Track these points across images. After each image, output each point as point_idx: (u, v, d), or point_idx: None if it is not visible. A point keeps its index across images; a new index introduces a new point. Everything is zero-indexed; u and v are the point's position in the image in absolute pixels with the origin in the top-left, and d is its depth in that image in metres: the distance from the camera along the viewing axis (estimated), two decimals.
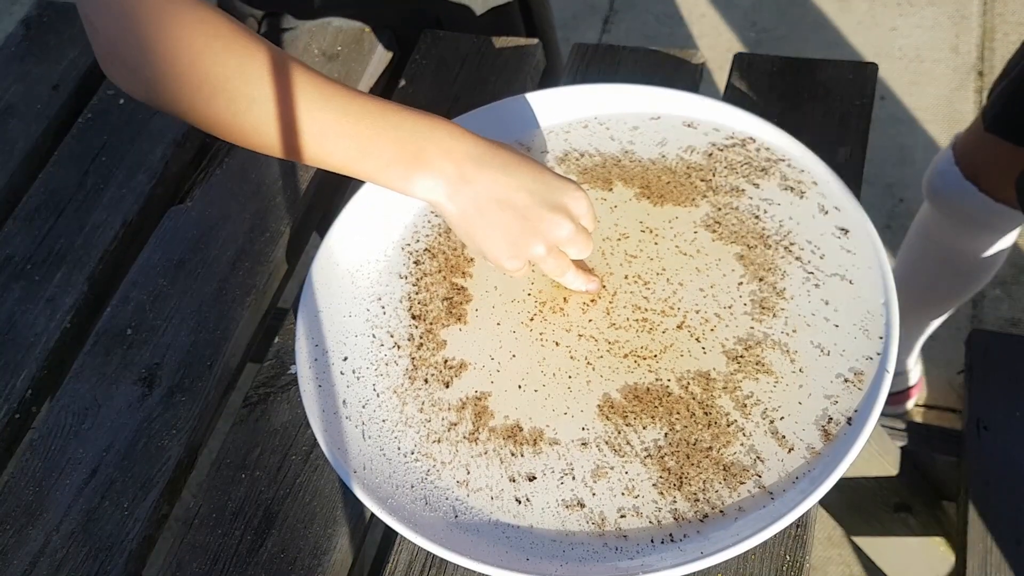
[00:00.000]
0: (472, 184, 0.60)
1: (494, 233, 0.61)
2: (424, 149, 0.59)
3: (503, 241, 0.61)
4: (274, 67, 0.57)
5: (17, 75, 0.87)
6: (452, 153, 0.59)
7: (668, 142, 0.72)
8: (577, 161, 0.72)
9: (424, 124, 0.59)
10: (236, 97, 0.57)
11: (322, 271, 0.68)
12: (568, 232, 0.61)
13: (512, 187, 0.60)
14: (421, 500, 0.58)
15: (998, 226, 1.10)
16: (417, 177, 0.59)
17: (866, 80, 0.77)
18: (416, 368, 0.63)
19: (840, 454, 0.55)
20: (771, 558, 0.55)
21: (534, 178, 0.61)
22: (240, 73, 0.56)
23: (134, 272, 0.72)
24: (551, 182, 0.61)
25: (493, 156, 0.60)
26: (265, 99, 0.57)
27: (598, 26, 2.03)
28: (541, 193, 0.60)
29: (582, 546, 0.55)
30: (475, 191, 0.60)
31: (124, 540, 0.60)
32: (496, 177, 0.60)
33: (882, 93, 1.80)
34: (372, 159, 0.59)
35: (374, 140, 0.58)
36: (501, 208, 0.60)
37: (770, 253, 0.65)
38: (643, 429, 0.59)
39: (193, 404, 0.65)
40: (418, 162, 0.59)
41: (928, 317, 1.31)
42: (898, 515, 0.99)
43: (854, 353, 0.60)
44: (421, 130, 0.59)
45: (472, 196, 0.60)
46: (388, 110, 0.59)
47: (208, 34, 0.56)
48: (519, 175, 0.60)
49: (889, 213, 1.66)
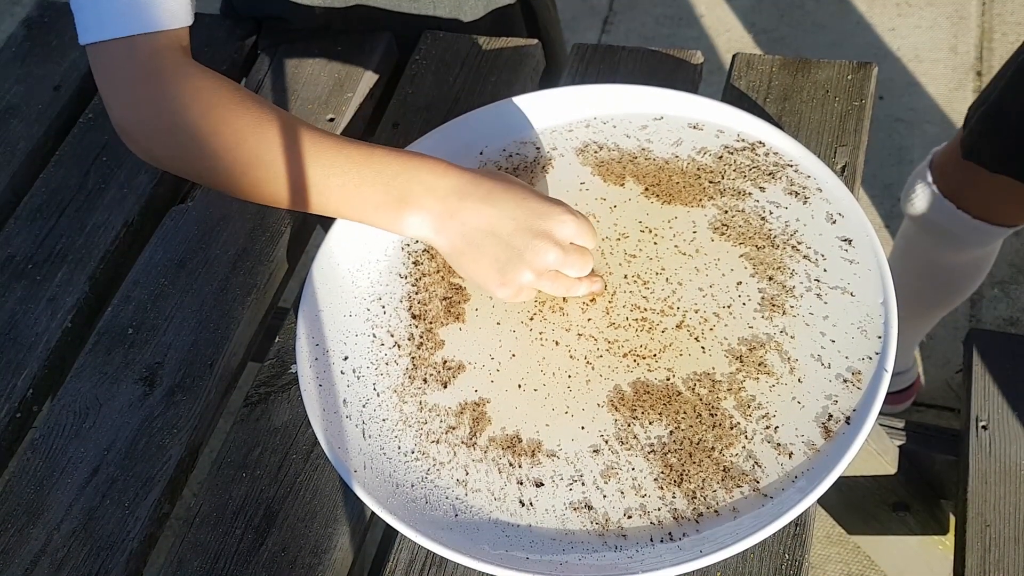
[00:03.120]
0: (457, 217, 0.62)
1: (482, 263, 0.63)
2: (409, 190, 0.62)
3: (491, 270, 0.63)
4: (272, 127, 0.62)
5: (19, 76, 0.88)
6: (436, 190, 0.62)
7: (683, 142, 0.72)
8: (596, 154, 0.72)
9: (408, 165, 0.63)
10: (244, 160, 0.62)
11: (323, 271, 0.68)
12: (554, 257, 0.62)
13: (495, 216, 0.62)
14: (421, 499, 0.58)
15: (979, 241, 1.10)
16: (405, 217, 0.63)
17: (865, 80, 0.77)
18: (416, 368, 0.64)
19: (839, 453, 0.56)
20: (770, 557, 0.56)
21: (517, 204, 0.62)
22: (247, 137, 0.62)
23: (135, 272, 0.72)
24: (536, 207, 0.62)
25: (476, 187, 0.63)
26: (266, 161, 0.62)
27: (598, 27, 2.03)
28: (525, 220, 0.62)
29: (582, 545, 0.55)
30: (461, 223, 0.62)
31: (125, 539, 0.60)
32: (479, 208, 0.62)
33: (881, 93, 1.80)
34: (362, 206, 0.63)
35: (361, 188, 0.63)
36: (486, 238, 0.62)
37: (778, 253, 0.65)
38: (649, 424, 0.59)
39: (194, 403, 0.65)
40: (404, 203, 0.63)
41: (920, 323, 1.32)
42: (897, 514, 0.99)
43: (853, 353, 0.60)
44: (405, 172, 0.63)
45: (458, 229, 0.62)
46: (373, 157, 0.63)
47: (219, 103, 0.62)
48: (503, 204, 0.62)
49: (888, 213, 1.66)
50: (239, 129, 0.62)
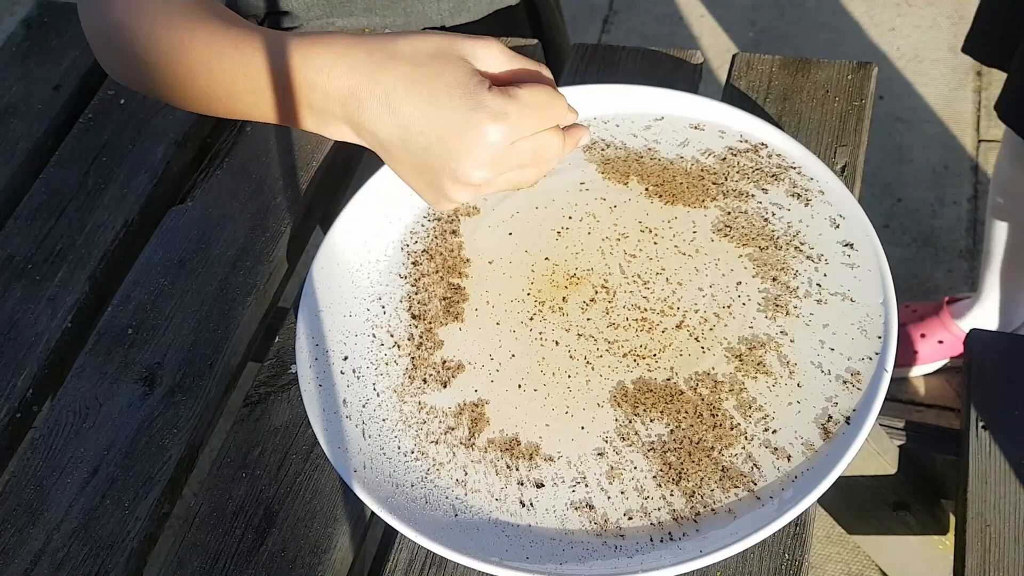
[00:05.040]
0: (365, 127, 0.56)
1: (410, 180, 0.60)
2: (310, 100, 0.56)
3: (422, 190, 0.60)
4: (196, 31, 0.59)
5: (18, 75, 0.88)
6: (331, 95, 0.55)
7: (689, 143, 0.72)
8: (603, 151, 0.72)
9: (298, 64, 0.56)
10: (189, 71, 0.59)
11: (323, 271, 0.68)
12: (468, 194, 0.58)
13: (402, 130, 0.55)
14: (421, 499, 0.58)
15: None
16: (321, 129, 0.58)
17: (865, 80, 0.77)
18: (416, 368, 0.64)
19: (839, 453, 0.56)
20: (770, 556, 0.56)
21: (424, 114, 0.54)
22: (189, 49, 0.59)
23: (135, 272, 0.72)
24: (446, 135, 0.54)
25: (373, 86, 0.54)
26: (200, 73, 0.59)
27: (598, 26, 2.03)
28: (436, 153, 0.55)
29: (581, 545, 0.55)
30: (371, 135, 0.57)
31: (125, 539, 0.60)
32: (382, 118, 0.55)
33: (881, 93, 1.80)
34: (273, 117, 0.59)
35: (261, 101, 0.58)
36: (402, 153, 0.57)
37: (781, 254, 0.65)
38: (651, 422, 0.59)
39: (194, 403, 0.65)
40: (312, 114, 0.57)
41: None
42: (897, 514, 0.99)
43: (853, 353, 0.60)
44: (299, 71, 0.56)
45: (370, 140, 0.57)
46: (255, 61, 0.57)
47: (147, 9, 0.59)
48: (405, 114, 0.54)
49: (888, 213, 1.66)
50: (159, 36, 0.59)
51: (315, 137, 0.78)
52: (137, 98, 0.83)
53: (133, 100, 0.83)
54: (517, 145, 0.56)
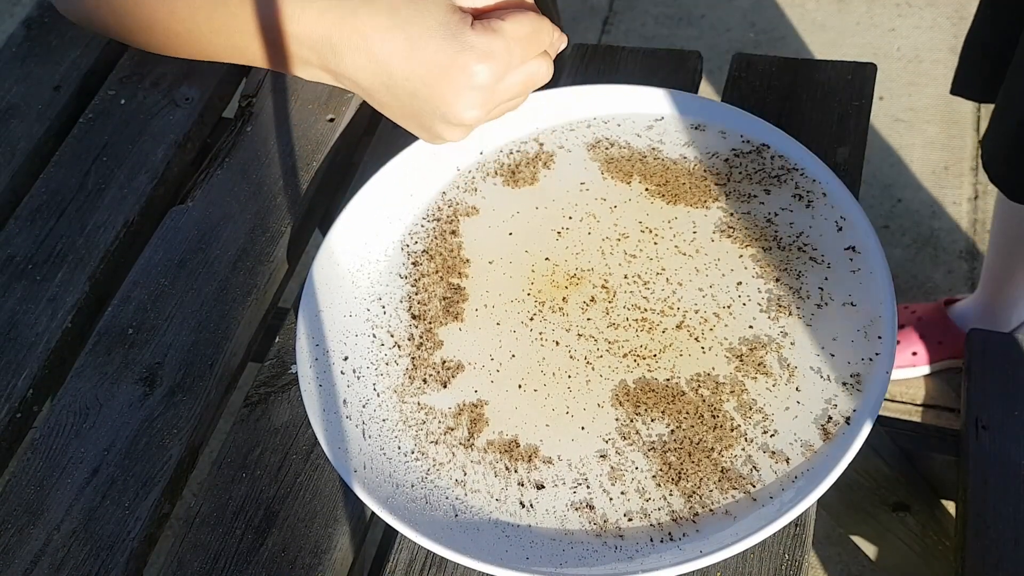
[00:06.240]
0: (347, 75, 0.55)
1: (400, 119, 0.58)
2: (292, 51, 0.55)
3: (415, 129, 0.58)
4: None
5: (18, 76, 0.88)
6: (304, 42, 0.54)
7: (692, 144, 0.72)
8: (607, 151, 0.72)
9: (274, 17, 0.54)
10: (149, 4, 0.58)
11: (323, 271, 0.68)
12: (462, 133, 0.57)
13: (384, 76, 0.54)
14: (421, 499, 0.58)
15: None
16: (309, 75, 0.57)
17: (865, 80, 0.77)
18: (416, 368, 0.64)
19: (839, 454, 0.56)
20: (770, 557, 0.56)
21: (406, 59, 0.52)
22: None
23: (135, 272, 0.72)
24: (428, 82, 0.53)
25: (350, 33, 0.53)
26: (159, 5, 0.57)
27: (597, 27, 2.03)
28: (422, 97, 0.54)
29: (581, 545, 0.55)
30: (353, 82, 0.56)
31: (125, 539, 0.60)
32: (363, 65, 0.54)
33: (881, 93, 1.80)
34: (261, 62, 0.57)
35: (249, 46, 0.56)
36: (386, 96, 0.56)
37: (784, 255, 0.65)
38: (651, 421, 0.59)
39: (194, 404, 0.65)
40: (296, 62, 0.56)
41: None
42: (896, 514, 0.99)
43: (853, 355, 0.60)
44: (278, 24, 0.54)
45: (354, 87, 0.57)
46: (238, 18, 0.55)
47: None
48: (384, 59, 0.53)
49: (887, 213, 1.66)
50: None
51: (315, 137, 0.78)
52: (137, 98, 0.83)
53: (133, 101, 0.83)
54: (506, 79, 0.55)
